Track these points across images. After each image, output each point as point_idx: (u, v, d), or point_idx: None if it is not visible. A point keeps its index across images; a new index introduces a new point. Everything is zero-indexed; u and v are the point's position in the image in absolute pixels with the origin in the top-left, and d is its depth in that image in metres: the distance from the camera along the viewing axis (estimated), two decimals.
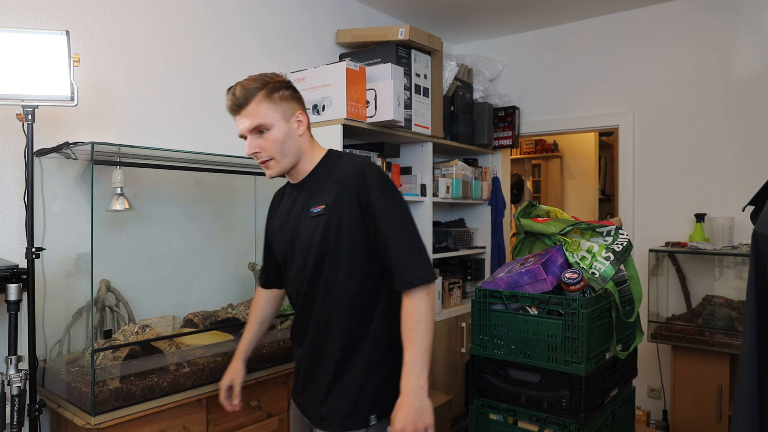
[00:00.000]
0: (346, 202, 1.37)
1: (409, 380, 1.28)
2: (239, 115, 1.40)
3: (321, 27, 3.01)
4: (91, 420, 1.57)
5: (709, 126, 3.10)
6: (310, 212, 1.42)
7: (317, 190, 1.45)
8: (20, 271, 1.60)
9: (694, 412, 2.76)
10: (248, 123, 1.38)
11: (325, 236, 1.39)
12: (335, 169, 1.44)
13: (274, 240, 1.59)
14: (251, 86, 1.39)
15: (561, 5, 3.31)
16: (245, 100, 1.38)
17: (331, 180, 1.42)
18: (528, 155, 5.95)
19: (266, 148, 1.41)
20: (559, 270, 1.85)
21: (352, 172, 1.39)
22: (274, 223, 1.59)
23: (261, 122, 1.38)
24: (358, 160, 1.46)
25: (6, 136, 1.84)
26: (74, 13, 2.01)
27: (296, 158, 1.45)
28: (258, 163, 1.46)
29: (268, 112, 1.39)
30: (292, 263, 1.50)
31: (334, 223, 1.38)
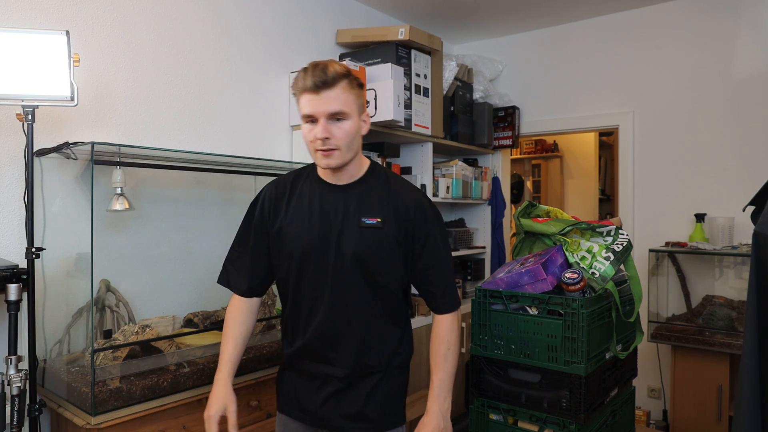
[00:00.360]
0: (401, 225, 1.42)
1: (436, 402, 1.44)
2: (319, 94, 1.30)
3: (321, 27, 3.01)
4: (91, 420, 1.57)
5: (709, 126, 3.10)
6: (362, 221, 1.40)
7: (369, 200, 1.42)
8: (20, 271, 1.60)
9: (694, 412, 2.76)
10: (330, 106, 1.30)
11: (378, 248, 1.40)
12: (392, 188, 1.45)
13: (286, 237, 1.44)
14: (340, 70, 1.32)
15: (561, 5, 3.31)
16: (334, 81, 1.30)
17: (386, 197, 1.43)
18: (528, 155, 5.95)
19: (337, 136, 1.33)
20: (559, 270, 1.84)
21: (413, 199, 1.45)
22: (287, 220, 1.45)
23: (343, 109, 1.32)
24: (415, 188, 1.53)
25: (6, 136, 1.84)
26: (74, 13, 2.01)
27: (354, 156, 1.40)
28: (316, 150, 1.35)
29: (349, 100, 1.34)
30: (321, 265, 1.41)
31: (386, 239, 1.40)
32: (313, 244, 1.41)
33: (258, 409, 2.00)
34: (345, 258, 1.39)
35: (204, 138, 2.43)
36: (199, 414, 1.82)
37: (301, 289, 1.45)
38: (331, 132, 1.32)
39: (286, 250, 1.45)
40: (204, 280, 2.33)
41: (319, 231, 1.41)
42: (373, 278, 1.41)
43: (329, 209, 1.42)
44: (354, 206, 1.41)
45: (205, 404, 1.83)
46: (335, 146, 1.33)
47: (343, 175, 1.43)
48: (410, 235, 1.43)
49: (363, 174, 1.45)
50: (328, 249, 1.40)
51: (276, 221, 1.47)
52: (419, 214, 1.44)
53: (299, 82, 1.33)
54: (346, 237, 1.40)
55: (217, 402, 1.45)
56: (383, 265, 1.41)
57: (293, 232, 1.43)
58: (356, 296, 1.42)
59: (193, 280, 2.31)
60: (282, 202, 1.48)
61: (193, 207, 2.33)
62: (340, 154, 1.35)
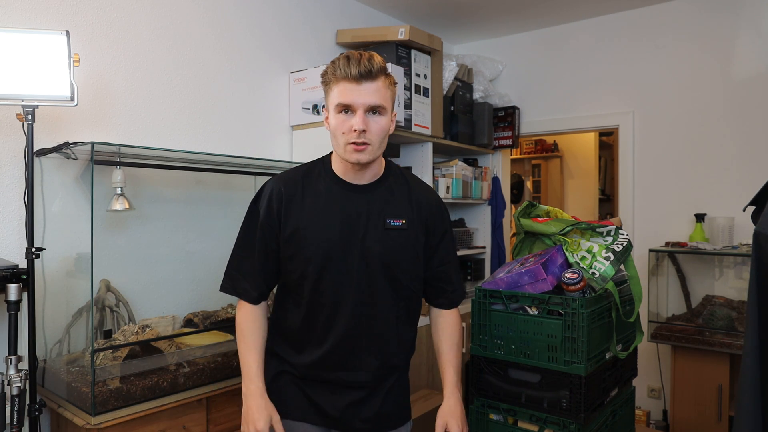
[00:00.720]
0: (423, 225, 1.43)
1: (455, 391, 1.47)
2: (360, 84, 1.25)
3: (321, 27, 3.01)
4: (91, 420, 1.57)
5: (709, 126, 3.10)
6: (387, 222, 1.37)
7: (392, 201, 1.39)
8: (20, 271, 1.60)
9: (694, 412, 2.76)
10: (371, 98, 1.26)
11: (404, 250, 1.39)
12: (411, 187, 1.45)
13: (303, 240, 1.35)
14: (383, 64, 1.29)
15: (561, 5, 3.31)
16: (377, 73, 1.26)
17: (407, 196, 1.42)
18: (528, 155, 5.95)
19: (373, 131, 1.28)
20: (559, 270, 1.84)
21: (432, 198, 1.48)
22: (304, 222, 1.36)
23: (382, 103, 1.28)
24: (429, 186, 1.55)
25: (6, 136, 1.84)
26: (74, 13, 2.00)
27: (381, 154, 1.36)
28: (348, 143, 1.28)
29: (387, 96, 1.31)
30: (343, 269, 1.35)
31: (412, 240, 1.40)
32: (335, 246, 1.34)
33: None
34: (371, 260, 1.35)
35: (204, 138, 2.43)
36: (200, 414, 1.83)
37: (319, 295, 1.37)
38: (368, 125, 1.27)
39: (304, 254, 1.35)
40: (204, 280, 2.34)
41: (341, 233, 1.34)
42: (398, 280, 1.39)
43: (351, 210, 1.36)
44: (378, 207, 1.37)
45: (205, 404, 1.85)
46: (369, 141, 1.28)
47: (366, 173, 1.38)
48: (430, 233, 1.45)
49: (382, 173, 1.42)
50: (351, 252, 1.35)
51: (289, 223, 1.36)
52: (437, 212, 1.47)
53: (339, 69, 1.26)
54: (372, 239, 1.35)
55: (263, 414, 1.35)
56: (409, 266, 1.41)
57: (312, 235, 1.35)
58: (381, 299, 1.38)
59: (193, 280, 2.31)
60: (294, 202, 1.37)
61: (193, 207, 2.33)
62: (371, 150, 1.30)
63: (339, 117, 1.28)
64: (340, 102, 1.27)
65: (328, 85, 1.31)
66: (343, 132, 1.28)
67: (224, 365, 1.91)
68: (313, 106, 2.69)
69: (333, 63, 1.29)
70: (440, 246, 1.48)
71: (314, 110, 2.69)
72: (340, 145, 1.31)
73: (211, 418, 1.86)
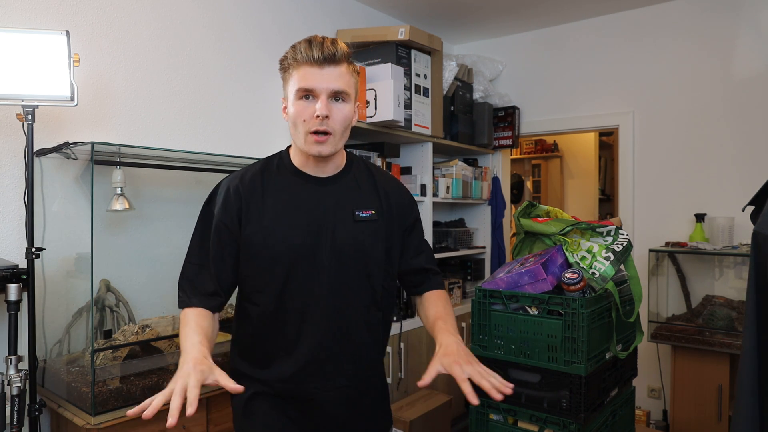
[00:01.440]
0: (393, 215, 1.35)
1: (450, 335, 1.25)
2: (322, 68, 1.18)
3: (321, 27, 3.01)
4: (91, 420, 1.57)
5: (709, 126, 3.10)
6: (357, 215, 1.28)
7: (358, 192, 1.31)
8: (20, 271, 1.60)
9: (694, 412, 2.76)
10: (334, 83, 1.19)
11: (376, 242, 1.30)
12: (376, 178, 1.37)
13: (266, 241, 1.24)
14: (345, 48, 1.21)
15: (561, 5, 3.31)
16: (340, 57, 1.20)
17: (374, 187, 1.35)
18: (528, 155, 5.95)
19: (335, 119, 1.20)
20: (559, 270, 1.84)
21: (398, 187, 1.41)
22: (266, 221, 1.25)
23: (345, 89, 1.21)
24: (395, 177, 1.48)
25: (6, 136, 1.84)
26: (74, 13, 2.01)
27: (342, 146, 1.29)
28: (309, 133, 1.20)
29: (351, 82, 1.23)
30: (313, 269, 1.25)
31: (383, 231, 1.32)
32: (304, 245, 1.24)
33: None
34: (343, 256, 1.26)
35: (204, 138, 2.43)
36: (200, 414, 1.83)
37: (286, 301, 1.25)
38: (331, 112, 1.19)
39: (267, 256, 1.24)
40: None
41: (309, 230, 1.25)
42: (373, 275, 1.30)
43: (317, 205, 1.27)
44: (345, 199, 1.29)
45: (205, 404, 1.84)
46: (331, 129, 1.20)
47: (328, 166, 1.30)
48: (402, 224, 1.38)
49: (345, 165, 1.35)
50: (320, 249, 1.25)
51: (249, 224, 1.25)
52: (406, 202, 1.41)
53: (300, 53, 1.18)
54: (341, 232, 1.26)
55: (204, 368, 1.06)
56: (383, 258, 1.32)
57: (276, 235, 1.24)
58: (355, 299, 1.29)
59: None
60: (254, 201, 1.27)
61: (193, 207, 2.31)
62: (333, 140, 1.22)
63: (299, 104, 1.20)
64: (301, 86, 1.19)
65: (287, 71, 1.23)
66: (304, 119, 1.20)
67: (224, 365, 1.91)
68: None
69: (293, 47, 1.21)
70: (413, 235, 1.42)
71: None
72: (300, 135, 1.22)
73: (211, 418, 1.86)
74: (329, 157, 1.28)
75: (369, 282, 1.31)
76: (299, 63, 1.19)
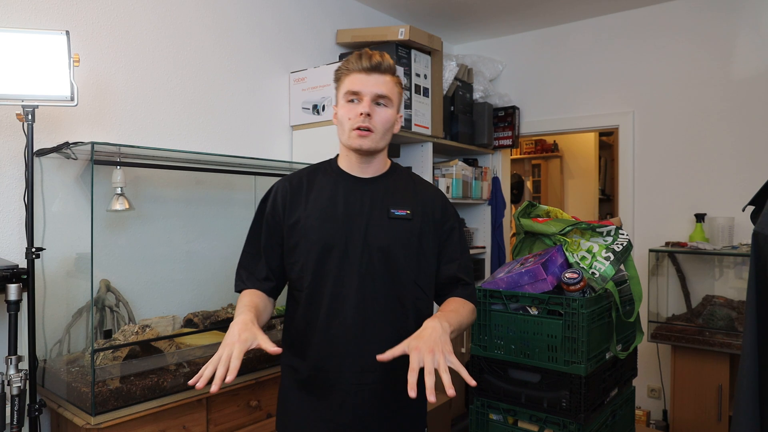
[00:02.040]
0: (428, 219, 1.42)
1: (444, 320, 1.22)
2: (370, 75, 1.34)
3: (321, 27, 3.01)
4: (91, 420, 1.57)
5: (709, 126, 3.10)
6: (391, 212, 1.38)
7: (396, 194, 1.42)
8: (20, 271, 1.60)
9: (694, 412, 2.76)
10: (378, 88, 1.34)
11: (407, 240, 1.37)
12: (416, 184, 1.48)
13: (304, 229, 1.36)
14: (391, 62, 1.38)
15: (561, 5, 3.31)
16: (388, 69, 1.36)
17: (412, 191, 1.45)
18: (528, 155, 5.95)
19: (377, 119, 1.35)
20: (559, 270, 1.84)
21: (438, 195, 1.49)
22: (307, 212, 1.38)
23: (388, 94, 1.35)
24: (435, 186, 1.58)
25: (6, 136, 1.84)
26: (74, 13, 2.01)
27: (384, 148, 1.42)
28: (353, 128, 1.34)
29: (395, 91, 1.38)
30: (345, 259, 1.34)
31: (416, 231, 1.39)
32: (337, 235, 1.34)
33: (258, 409, 2.00)
34: (373, 250, 1.34)
35: (204, 138, 2.43)
36: (200, 414, 1.83)
37: (319, 288, 1.35)
38: (373, 112, 1.34)
39: (305, 244, 1.36)
40: (204, 280, 2.34)
41: (344, 222, 1.35)
42: (401, 271, 1.36)
43: (355, 200, 1.38)
44: (381, 198, 1.39)
45: (205, 404, 1.84)
46: (372, 127, 1.34)
47: (370, 167, 1.42)
48: (438, 229, 1.44)
49: (386, 170, 1.46)
50: (354, 241, 1.34)
51: (292, 215, 1.39)
52: (445, 209, 1.47)
53: (351, 63, 1.35)
54: (375, 229, 1.36)
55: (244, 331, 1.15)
56: (413, 257, 1.38)
57: (313, 224, 1.36)
58: (382, 293, 1.34)
59: (193, 280, 2.31)
60: (299, 196, 1.41)
61: (193, 207, 2.33)
62: (374, 137, 1.35)
63: (347, 106, 1.35)
64: (349, 90, 1.35)
65: (339, 80, 1.38)
66: (350, 118, 1.34)
67: None
68: (313, 106, 2.69)
69: (346, 60, 1.37)
70: (448, 243, 1.45)
71: (314, 110, 2.69)
72: (345, 132, 1.36)
73: (211, 418, 1.86)
74: (370, 158, 1.40)
75: (396, 277, 1.36)
76: (350, 71, 1.36)
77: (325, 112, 2.65)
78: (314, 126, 2.71)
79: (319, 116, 2.67)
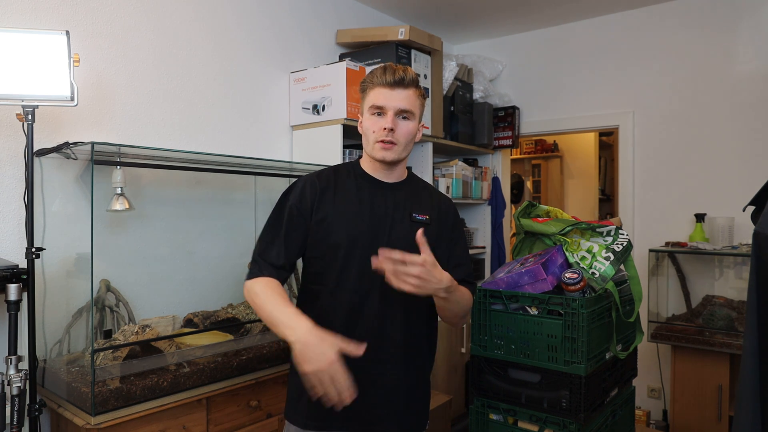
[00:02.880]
0: (443, 224, 1.52)
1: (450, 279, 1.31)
2: (394, 90, 1.40)
3: (321, 27, 3.01)
4: (91, 420, 1.57)
5: (709, 126, 3.10)
6: (413, 216, 1.46)
7: (417, 199, 1.51)
8: (20, 271, 1.60)
9: (694, 412, 2.76)
10: (401, 102, 1.40)
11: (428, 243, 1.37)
12: (431, 192, 1.58)
13: (331, 226, 1.41)
14: (416, 76, 1.44)
15: (561, 5, 3.31)
16: (411, 82, 1.42)
17: (429, 197, 1.54)
18: (528, 155, 5.95)
19: (400, 133, 1.41)
20: (559, 270, 1.84)
21: (449, 203, 1.59)
22: (334, 210, 1.42)
23: (411, 109, 1.42)
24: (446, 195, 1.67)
25: (6, 136, 1.84)
26: (74, 13, 2.01)
27: (405, 157, 1.49)
28: (377, 141, 1.41)
29: (417, 104, 1.45)
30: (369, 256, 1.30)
31: (433, 235, 1.45)
32: (363, 234, 1.41)
33: (258, 410, 2.00)
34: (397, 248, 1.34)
35: (204, 138, 2.43)
36: (200, 414, 1.83)
37: (344, 283, 1.41)
38: (396, 126, 1.40)
39: (331, 240, 1.41)
40: (204, 280, 2.34)
41: (370, 222, 1.43)
42: None
43: (380, 202, 1.46)
44: (403, 202, 1.48)
45: (205, 404, 1.84)
46: (395, 140, 1.41)
47: (393, 173, 1.50)
48: (449, 234, 1.52)
49: (406, 177, 1.55)
50: (378, 241, 1.40)
51: (320, 210, 1.43)
52: (454, 216, 1.57)
53: (376, 77, 1.41)
54: (398, 229, 1.44)
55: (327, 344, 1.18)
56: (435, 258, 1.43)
57: (341, 222, 1.42)
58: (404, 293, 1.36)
59: (193, 280, 2.31)
60: (328, 193, 1.45)
61: (193, 207, 2.33)
62: (397, 149, 1.42)
63: (372, 119, 1.42)
64: (373, 104, 1.41)
65: (365, 92, 1.45)
66: (374, 131, 1.41)
67: (224, 365, 1.92)
68: (313, 106, 2.69)
69: (371, 73, 1.44)
70: (457, 246, 1.54)
71: (314, 110, 2.69)
72: (369, 143, 1.44)
73: (211, 418, 1.86)
74: (393, 166, 1.49)
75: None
76: (374, 85, 1.42)
77: (325, 112, 2.65)
78: (314, 126, 2.71)
79: (319, 116, 2.67)
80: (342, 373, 1.15)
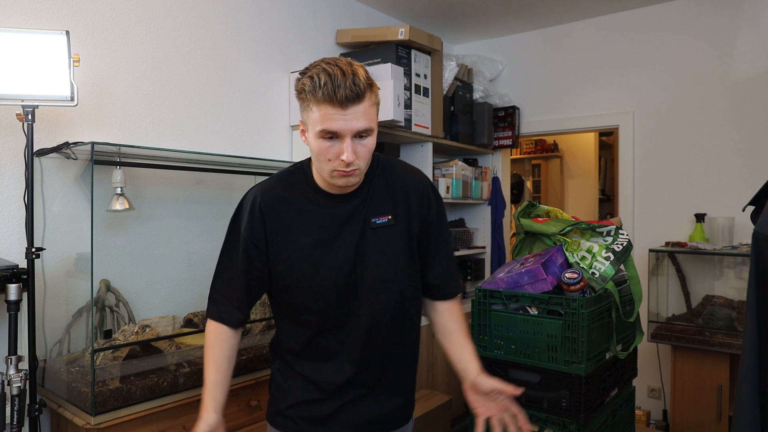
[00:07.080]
0: (414, 214, 1.31)
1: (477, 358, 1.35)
2: (347, 110, 1.09)
3: (321, 27, 3.01)
4: (91, 420, 1.57)
5: (709, 126, 3.10)
6: (373, 222, 1.25)
7: (375, 200, 1.27)
8: (20, 271, 1.60)
9: (694, 412, 2.76)
10: (359, 123, 1.12)
11: (394, 247, 1.27)
12: (392, 175, 1.31)
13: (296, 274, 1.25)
14: (367, 77, 1.13)
15: (561, 5, 3.31)
16: (363, 92, 1.11)
17: (388, 187, 1.29)
18: (528, 155, 5.95)
19: (361, 156, 1.15)
20: (559, 270, 1.84)
21: (419, 184, 1.33)
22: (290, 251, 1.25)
23: (371, 126, 1.14)
24: (415, 168, 1.37)
25: (6, 136, 1.84)
26: (74, 13, 2.01)
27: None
28: (334, 170, 1.16)
29: (374, 112, 1.16)
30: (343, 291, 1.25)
31: (403, 233, 1.28)
32: (332, 275, 1.24)
33: (258, 409, 2.00)
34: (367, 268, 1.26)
35: (204, 138, 2.43)
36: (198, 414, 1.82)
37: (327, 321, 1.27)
38: (356, 151, 1.14)
39: (300, 289, 1.26)
40: (204, 280, 2.32)
41: (344, 249, 1.24)
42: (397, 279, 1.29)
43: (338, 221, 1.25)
44: (360, 211, 1.27)
45: None
46: (357, 166, 1.16)
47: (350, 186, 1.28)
48: (420, 222, 1.32)
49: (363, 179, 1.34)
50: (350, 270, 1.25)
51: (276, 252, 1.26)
52: (426, 197, 1.33)
53: (320, 90, 1.09)
54: (367, 246, 1.26)
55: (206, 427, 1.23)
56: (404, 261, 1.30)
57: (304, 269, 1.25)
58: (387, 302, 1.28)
59: (193, 280, 2.31)
60: (278, 224, 1.26)
61: (193, 207, 2.33)
62: (359, 173, 1.19)
63: (323, 142, 1.13)
64: (324, 129, 1.11)
65: (306, 102, 1.14)
66: (329, 159, 1.15)
67: None
68: None
69: (311, 79, 1.11)
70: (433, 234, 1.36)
71: None
72: (324, 170, 1.18)
73: None
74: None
75: (395, 286, 1.29)
76: (319, 101, 1.10)
77: None
78: None
79: None
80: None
